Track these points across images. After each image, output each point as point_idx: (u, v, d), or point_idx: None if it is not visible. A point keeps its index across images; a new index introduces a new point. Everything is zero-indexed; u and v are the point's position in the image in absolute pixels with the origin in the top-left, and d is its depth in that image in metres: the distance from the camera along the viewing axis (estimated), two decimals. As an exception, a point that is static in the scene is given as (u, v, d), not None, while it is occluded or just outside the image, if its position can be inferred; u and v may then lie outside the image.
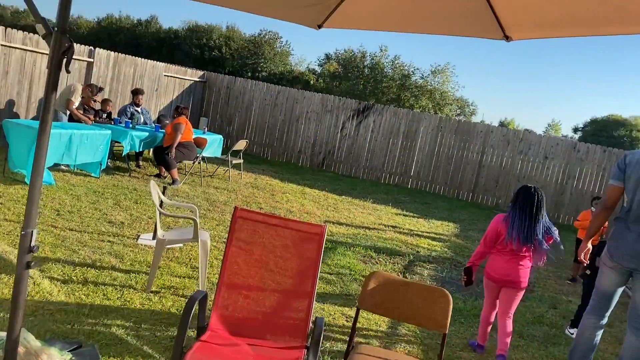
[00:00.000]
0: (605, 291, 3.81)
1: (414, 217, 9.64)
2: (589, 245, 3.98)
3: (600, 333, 3.89)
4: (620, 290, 3.80)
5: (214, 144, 9.91)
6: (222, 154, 10.20)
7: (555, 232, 3.94)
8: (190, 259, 5.21)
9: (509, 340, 3.95)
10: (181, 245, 5.48)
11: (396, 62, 27.33)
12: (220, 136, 10.28)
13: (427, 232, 8.51)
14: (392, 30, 3.44)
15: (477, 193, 12.81)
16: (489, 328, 4.19)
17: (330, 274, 5.54)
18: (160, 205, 4.62)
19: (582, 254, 4.00)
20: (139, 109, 9.63)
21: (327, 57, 33.48)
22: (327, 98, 13.92)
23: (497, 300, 4.05)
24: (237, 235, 3.14)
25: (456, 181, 12.98)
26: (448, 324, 2.83)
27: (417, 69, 33.64)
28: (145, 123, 9.70)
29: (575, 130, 62.60)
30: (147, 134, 8.76)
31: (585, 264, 4.23)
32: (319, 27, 3.47)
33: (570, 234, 9.02)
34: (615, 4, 2.59)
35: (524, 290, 3.96)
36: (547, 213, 3.99)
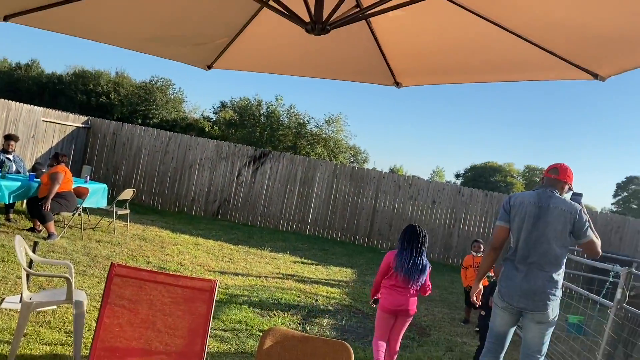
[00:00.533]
0: (499, 332, 3.88)
1: (312, 264, 9.52)
2: (480, 286, 4.06)
3: (496, 374, 3.93)
4: (512, 330, 3.88)
5: (97, 193, 9.17)
6: (106, 205, 9.46)
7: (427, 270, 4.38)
8: (64, 323, 4.60)
9: (395, 358, 4.50)
10: (54, 307, 4.84)
11: (292, 110, 27.83)
12: (105, 185, 9.55)
13: (325, 279, 8.40)
14: (284, 73, 3.38)
15: (372, 237, 13.04)
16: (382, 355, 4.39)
17: (225, 331, 5.17)
18: (30, 264, 4.05)
19: (474, 295, 4.07)
20: (10, 157, 8.71)
21: (223, 104, 33.31)
22: (222, 144, 13.65)
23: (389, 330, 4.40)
24: (116, 294, 2.77)
25: (352, 226, 13.16)
26: (350, 381, 2.65)
27: (312, 118, 34.46)
28: (17, 172, 8.78)
29: (457, 176, 67.30)
30: (19, 183, 7.89)
31: (478, 305, 4.30)
32: (209, 67, 3.30)
33: (459, 276, 9.36)
34: (497, 54, 2.73)
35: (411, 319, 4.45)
36: (437, 255, 4.46)
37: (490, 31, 2.40)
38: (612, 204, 73.67)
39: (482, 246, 6.93)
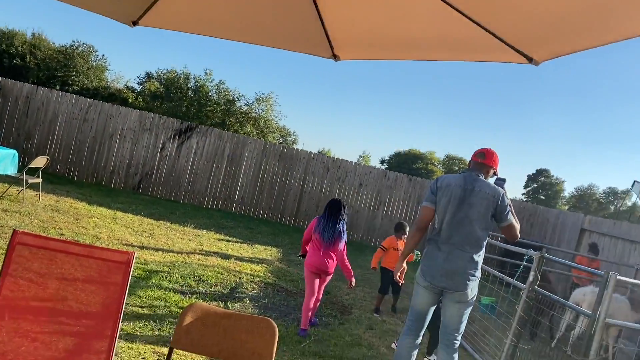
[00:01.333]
0: (420, 310, 3.94)
1: (237, 242, 9.34)
2: (405, 265, 4.11)
3: (416, 352, 4.00)
4: (432, 309, 3.96)
5: (5, 159, 8.43)
6: (16, 172, 8.73)
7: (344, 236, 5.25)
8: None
9: (317, 304, 5.44)
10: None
11: (221, 86, 27.06)
12: (14, 151, 8.80)
13: (250, 258, 8.26)
14: (217, 36, 3.17)
15: (299, 218, 13.03)
16: (310, 314, 5.22)
17: (142, 307, 4.93)
18: None
19: (398, 274, 4.13)
20: None
21: (148, 75, 31.83)
22: (146, 115, 13.02)
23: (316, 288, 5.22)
24: (18, 266, 2.50)
25: (279, 206, 13.06)
26: (273, 358, 2.57)
27: (242, 95, 33.82)
28: None
29: (382, 162, 68.96)
30: None
31: (400, 283, 4.38)
32: (134, 24, 3.03)
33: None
34: (441, 31, 2.68)
35: (331, 276, 5.37)
36: (361, 236, 4.91)
37: (437, 7, 2.35)
38: (522, 194, 78.56)
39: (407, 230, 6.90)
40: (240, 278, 6.84)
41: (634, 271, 8.46)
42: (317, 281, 5.22)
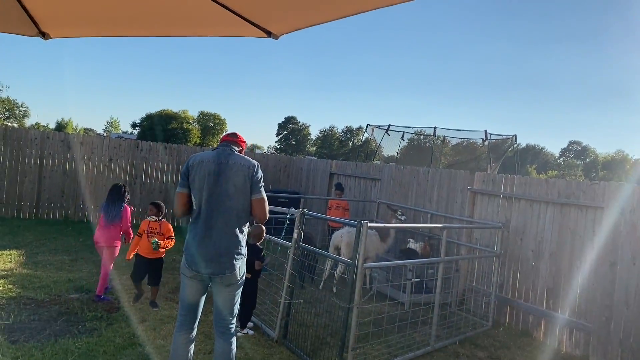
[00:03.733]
0: (190, 302, 3.71)
1: (-40, 253, 7.64)
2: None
3: (192, 346, 3.79)
4: (203, 298, 3.76)
5: None
6: None
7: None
8: None
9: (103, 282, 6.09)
10: None
11: None
12: None
13: (-19, 270, 6.84)
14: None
15: (41, 208, 11.32)
16: (102, 282, 6.05)
17: None
18: None
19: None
20: None
21: None
22: None
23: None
24: None
25: (14, 198, 11.11)
26: None
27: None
28: None
29: (134, 125, 65.03)
30: None
31: None
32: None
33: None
34: (170, 6, 2.36)
35: (115, 248, 6.15)
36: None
37: None
38: (275, 142, 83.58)
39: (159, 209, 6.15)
40: (-30, 300, 5.59)
41: (377, 205, 9.65)
42: (103, 252, 6.12)
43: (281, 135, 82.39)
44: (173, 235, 6.08)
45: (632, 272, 5.54)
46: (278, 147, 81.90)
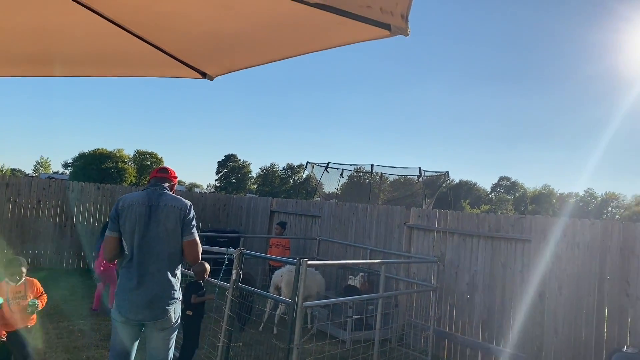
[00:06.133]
0: (122, 349, 3.54)
1: None
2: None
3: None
4: (136, 343, 3.61)
5: None
6: None
7: None
8: None
9: None
10: None
11: None
12: None
13: None
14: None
15: (-41, 253, 10.53)
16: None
17: None
18: None
19: None
20: None
21: None
22: None
23: None
24: None
25: None
26: None
27: None
28: None
29: (66, 165, 62.56)
30: None
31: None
32: None
33: (78, 281, 8.51)
34: (99, 45, 2.34)
35: None
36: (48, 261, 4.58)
37: (101, 25, 2.00)
38: (215, 180, 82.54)
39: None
40: None
41: (317, 242, 9.67)
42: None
43: (221, 174, 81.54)
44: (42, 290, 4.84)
45: (559, 301, 5.81)
46: (218, 185, 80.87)
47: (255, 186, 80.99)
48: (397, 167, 15.38)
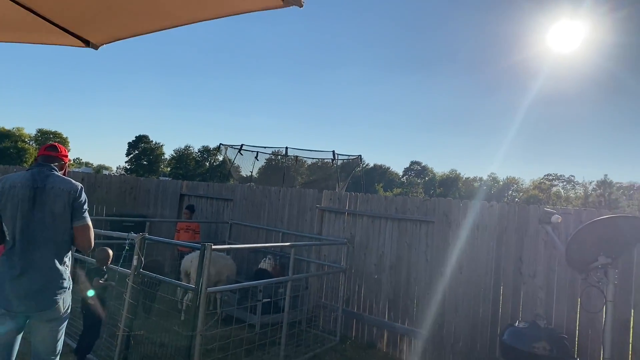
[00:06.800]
0: (4, 344, 3.23)
1: None
2: None
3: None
4: (19, 336, 3.30)
5: None
6: None
7: None
8: None
9: None
10: None
11: None
12: None
13: None
14: None
15: None
16: None
17: None
18: None
19: None
20: None
21: None
22: None
23: None
24: None
25: None
26: None
27: None
28: None
29: (-45, 144, 56.88)
30: None
31: None
32: None
33: None
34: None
35: None
36: None
37: None
38: (125, 162, 78.88)
39: None
40: None
41: (229, 226, 9.48)
42: None
43: (132, 155, 78.01)
44: None
45: (460, 280, 6.09)
46: (128, 167, 77.38)
47: (168, 169, 78.35)
48: (311, 151, 15.43)
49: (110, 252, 5.38)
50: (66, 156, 3.56)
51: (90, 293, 5.17)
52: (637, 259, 4.83)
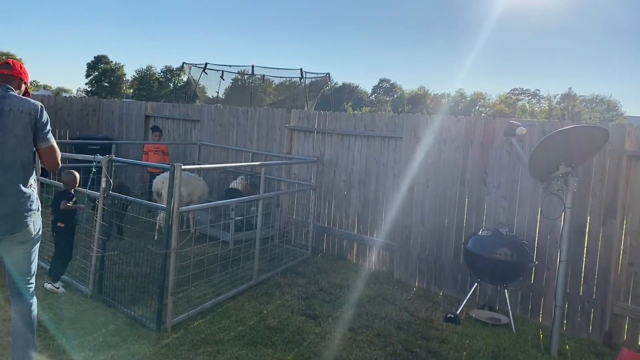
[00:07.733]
0: None
1: None
2: None
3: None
4: (-3, 257, 3.31)
5: None
6: None
7: None
8: None
9: None
10: None
11: None
12: None
13: None
14: None
15: None
16: None
17: None
18: None
19: None
20: None
21: None
22: None
23: None
24: None
25: None
26: None
27: None
28: None
29: None
30: None
31: None
32: None
33: None
34: None
35: None
36: None
37: None
38: (85, 84, 75.75)
39: None
40: None
41: (198, 147, 9.38)
42: None
43: (92, 77, 74.83)
44: None
45: (426, 193, 6.27)
46: (89, 89, 74.43)
47: (131, 90, 75.70)
48: (278, 69, 15.07)
49: (77, 175, 5.33)
50: (24, 73, 3.36)
51: (59, 215, 5.15)
52: (596, 167, 5.03)
